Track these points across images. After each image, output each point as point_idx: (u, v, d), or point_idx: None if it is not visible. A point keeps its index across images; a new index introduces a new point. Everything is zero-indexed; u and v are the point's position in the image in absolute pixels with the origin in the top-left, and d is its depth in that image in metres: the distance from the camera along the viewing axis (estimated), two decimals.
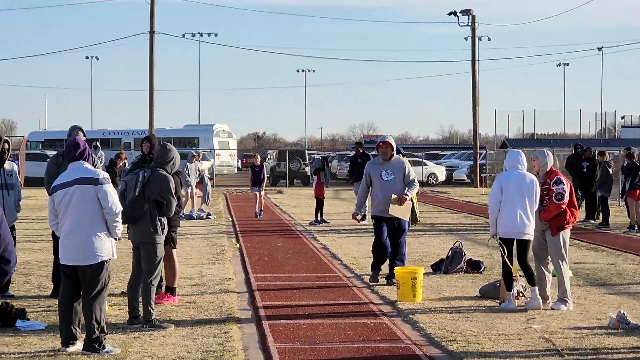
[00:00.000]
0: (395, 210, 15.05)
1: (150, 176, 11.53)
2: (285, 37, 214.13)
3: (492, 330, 11.32)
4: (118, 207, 9.95)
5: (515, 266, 12.88)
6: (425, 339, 10.93)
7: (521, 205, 12.71)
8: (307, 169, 59.57)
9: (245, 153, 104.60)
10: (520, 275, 13.11)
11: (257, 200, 30.99)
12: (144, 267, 11.52)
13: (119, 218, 9.96)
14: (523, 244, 12.85)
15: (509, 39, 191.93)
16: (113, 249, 10.10)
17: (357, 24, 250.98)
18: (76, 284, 10.05)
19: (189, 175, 31.51)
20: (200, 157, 34.39)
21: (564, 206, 12.95)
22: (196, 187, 32.16)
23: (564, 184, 13.00)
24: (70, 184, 9.95)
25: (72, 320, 10.07)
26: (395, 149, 15.44)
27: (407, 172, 15.29)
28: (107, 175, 10.06)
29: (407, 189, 15.15)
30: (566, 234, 13.08)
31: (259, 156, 33.21)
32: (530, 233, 12.81)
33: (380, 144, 15.34)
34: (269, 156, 71.63)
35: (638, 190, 25.08)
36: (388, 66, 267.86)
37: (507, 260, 12.74)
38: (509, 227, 12.75)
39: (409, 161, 27.00)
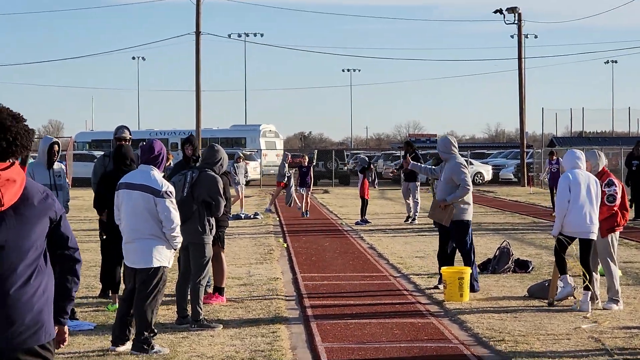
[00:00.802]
0: (434, 214, 14.79)
1: (198, 177, 11.59)
2: (331, 36, 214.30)
3: (540, 330, 11.26)
4: (175, 222, 9.97)
5: (579, 266, 12.76)
6: (473, 339, 10.90)
7: (589, 204, 12.63)
8: (346, 168, 59.90)
9: (292, 153, 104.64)
10: (571, 275, 12.96)
11: (304, 200, 31.26)
12: (192, 267, 11.58)
13: (176, 233, 10.00)
14: (587, 244, 12.73)
15: (556, 37, 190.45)
16: (170, 258, 10.17)
17: (401, 22, 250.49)
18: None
19: (237, 175, 31.73)
20: (243, 159, 34.63)
21: (615, 208, 12.86)
22: (280, 186, 32.64)
23: (615, 186, 12.91)
24: (134, 187, 10.03)
25: (128, 321, 10.16)
26: (443, 149, 14.68)
27: (455, 176, 14.41)
28: (171, 189, 10.07)
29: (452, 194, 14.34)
30: (615, 235, 12.99)
31: (306, 157, 33.66)
32: (595, 232, 12.71)
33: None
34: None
35: None
36: (434, 65, 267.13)
37: (562, 256, 12.68)
38: (576, 227, 12.63)
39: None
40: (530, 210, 33.70)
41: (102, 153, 14.50)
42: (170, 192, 9.99)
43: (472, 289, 13.87)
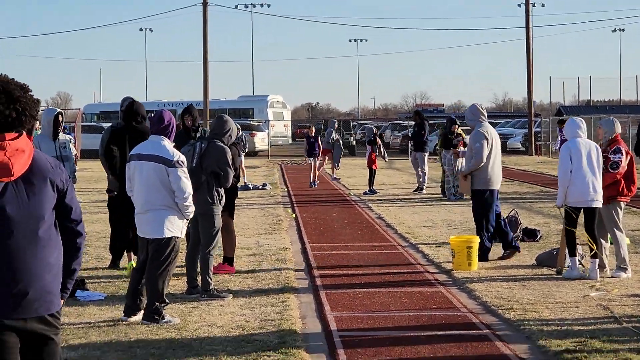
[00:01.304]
0: (460, 186, 15.00)
1: (207, 147, 11.60)
2: (337, 6, 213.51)
3: (549, 298, 11.30)
4: (187, 192, 10.01)
5: (585, 234, 12.74)
6: (482, 307, 10.94)
7: (591, 173, 12.59)
8: (351, 138, 59.98)
9: (299, 124, 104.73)
10: (580, 244, 12.94)
11: (312, 170, 31.44)
12: (202, 237, 11.63)
13: (189, 202, 10.04)
14: (592, 212, 12.70)
15: (563, 5, 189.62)
16: (183, 228, 10.21)
17: None
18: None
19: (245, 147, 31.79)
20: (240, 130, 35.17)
21: (618, 176, 12.82)
22: (325, 154, 33.04)
23: (621, 154, 12.86)
24: (146, 157, 10.07)
25: (140, 291, 10.22)
26: (470, 117, 14.55)
27: (472, 144, 14.42)
28: (183, 158, 10.11)
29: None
30: (620, 204, 12.95)
31: (313, 127, 33.33)
32: (599, 200, 12.64)
33: None
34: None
35: None
36: (441, 34, 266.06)
37: (572, 229, 12.63)
38: (579, 196, 12.59)
39: (463, 130, 27.16)
40: (538, 179, 33.68)
41: (110, 125, 14.52)
42: (182, 162, 10.03)
43: (484, 257, 13.89)
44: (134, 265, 12.29)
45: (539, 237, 16.42)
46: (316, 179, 31.53)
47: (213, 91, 61.92)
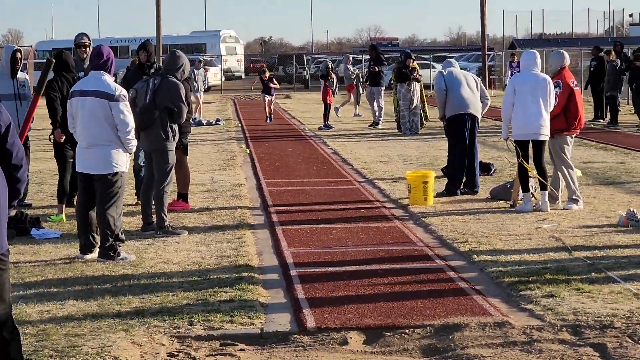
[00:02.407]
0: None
1: (160, 83, 11.51)
2: None
3: (502, 231, 11.41)
4: (130, 125, 9.97)
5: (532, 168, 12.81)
6: (438, 241, 11.03)
7: (534, 105, 12.55)
8: (305, 72, 60.22)
9: (252, 58, 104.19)
10: (532, 177, 13.02)
11: (267, 105, 31.55)
12: (155, 174, 11.57)
13: (131, 136, 10.00)
14: (538, 145, 12.76)
15: None
16: (127, 163, 10.17)
17: None
18: (92, 192, 10.14)
19: (196, 82, 31.60)
20: (203, 64, 35.24)
21: (557, 110, 12.78)
22: (350, 91, 33.04)
23: (559, 88, 12.80)
24: (87, 93, 9.99)
25: (90, 228, 10.19)
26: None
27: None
28: (124, 92, 10.05)
29: None
30: (562, 139, 12.95)
31: (267, 71, 33.12)
32: (545, 133, 12.66)
33: None
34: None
35: None
36: None
37: (523, 161, 12.70)
38: (522, 128, 12.66)
39: (417, 64, 27.11)
40: (491, 113, 33.58)
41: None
42: (124, 96, 9.98)
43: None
44: (64, 219, 12.26)
45: (492, 170, 16.53)
46: (271, 114, 31.65)
47: (166, 27, 61.31)
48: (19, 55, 13.12)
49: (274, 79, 32.93)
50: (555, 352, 6.86)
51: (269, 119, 31.36)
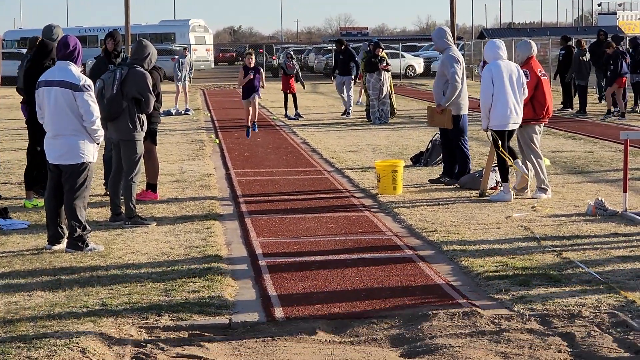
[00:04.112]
0: (433, 121, 14.35)
1: (127, 73, 11.45)
2: None
3: (471, 220, 11.44)
4: (95, 116, 9.94)
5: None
6: (407, 230, 11.04)
7: (513, 95, 12.58)
8: (274, 62, 60.73)
9: (221, 48, 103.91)
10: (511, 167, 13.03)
11: (252, 111, 23.04)
12: (124, 164, 11.51)
13: (96, 126, 9.95)
14: (511, 133, 12.84)
15: None
16: (94, 153, 10.12)
17: None
18: (60, 183, 10.08)
19: (180, 71, 31.38)
20: (187, 50, 34.45)
21: (525, 99, 12.80)
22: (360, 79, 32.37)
23: (527, 77, 12.80)
24: (53, 83, 9.95)
25: (59, 219, 10.13)
26: (437, 40, 14.06)
27: (445, 70, 13.88)
28: (89, 82, 10.00)
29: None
30: (531, 128, 12.98)
31: (253, 56, 23.89)
32: (518, 122, 12.74)
33: None
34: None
35: (624, 78, 25.28)
36: None
37: (503, 152, 12.67)
38: (502, 119, 12.60)
39: (387, 54, 27.08)
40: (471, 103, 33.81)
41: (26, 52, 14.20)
42: (89, 86, 9.93)
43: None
44: (38, 204, 12.20)
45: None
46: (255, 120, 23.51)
47: (134, 16, 61.00)
48: None
49: (261, 70, 23.63)
50: (523, 342, 6.88)
51: (252, 128, 23.01)
